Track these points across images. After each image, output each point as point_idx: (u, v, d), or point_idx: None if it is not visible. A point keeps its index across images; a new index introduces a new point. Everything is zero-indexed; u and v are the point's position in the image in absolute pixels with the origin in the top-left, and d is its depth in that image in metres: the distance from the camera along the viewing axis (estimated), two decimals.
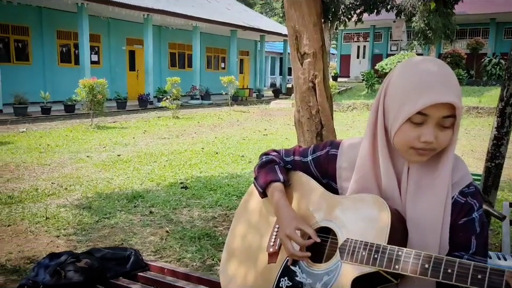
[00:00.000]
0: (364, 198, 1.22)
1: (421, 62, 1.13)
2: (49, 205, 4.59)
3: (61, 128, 10.75)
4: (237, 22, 21.27)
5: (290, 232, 1.27)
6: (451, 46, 22.79)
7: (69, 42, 17.03)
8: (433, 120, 1.09)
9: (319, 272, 1.23)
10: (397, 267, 1.07)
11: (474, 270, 0.98)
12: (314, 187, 1.36)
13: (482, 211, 1.20)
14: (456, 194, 1.19)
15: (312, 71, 2.15)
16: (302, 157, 1.43)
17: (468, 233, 1.17)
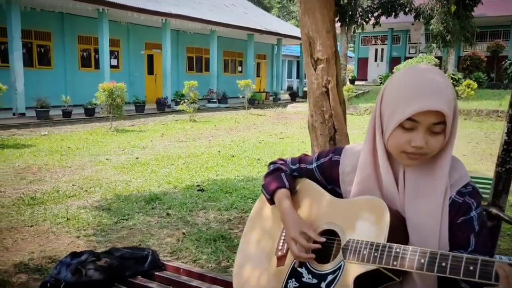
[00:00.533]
0: (365, 200, 1.28)
1: (416, 71, 1.19)
2: (70, 206, 4.71)
3: (81, 131, 10.98)
4: (254, 25, 21.41)
5: (294, 235, 1.34)
6: (471, 49, 22.49)
7: (89, 47, 17.39)
8: (423, 126, 1.15)
9: (323, 272, 1.29)
10: (395, 263, 1.13)
11: (467, 262, 1.03)
12: (319, 192, 1.43)
13: (481, 210, 1.24)
14: (453, 194, 1.24)
15: (326, 77, 2.19)
16: (307, 164, 1.50)
17: (466, 232, 1.22)
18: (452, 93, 1.17)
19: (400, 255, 1.13)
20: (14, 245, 3.59)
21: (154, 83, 19.97)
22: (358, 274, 1.19)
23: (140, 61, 19.44)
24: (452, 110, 1.15)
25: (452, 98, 1.17)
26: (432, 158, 1.22)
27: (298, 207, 1.46)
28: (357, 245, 1.22)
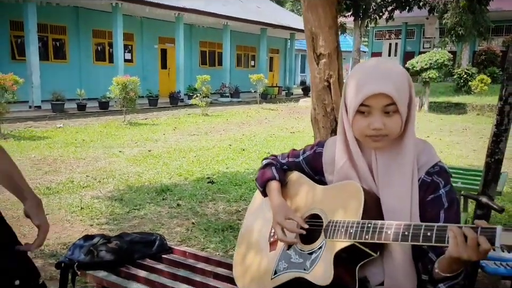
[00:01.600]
0: (343, 184, 1.41)
1: (371, 61, 1.34)
2: (83, 196, 4.87)
3: (95, 124, 11.19)
4: (267, 20, 21.41)
5: (280, 220, 1.46)
6: (486, 43, 22.18)
7: (103, 41, 17.61)
8: (377, 109, 1.27)
9: (308, 252, 1.41)
10: (367, 237, 1.24)
11: (425, 229, 1.15)
12: (306, 182, 1.56)
13: (449, 187, 1.33)
14: (423, 174, 1.34)
15: (328, 71, 2.26)
16: (295, 158, 1.63)
17: (436, 209, 1.31)
18: (402, 78, 1.29)
19: (371, 229, 1.25)
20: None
21: (167, 77, 20.14)
22: (337, 251, 1.30)
23: (153, 55, 19.62)
24: (401, 93, 1.27)
25: (401, 81, 1.28)
26: (398, 141, 1.33)
27: (288, 196, 1.59)
28: (336, 224, 1.34)
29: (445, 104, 15.92)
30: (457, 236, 1.09)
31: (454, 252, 1.10)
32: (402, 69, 1.32)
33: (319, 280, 1.31)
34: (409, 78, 1.32)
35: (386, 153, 1.35)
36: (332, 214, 1.39)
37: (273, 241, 1.55)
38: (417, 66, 15.18)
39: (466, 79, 17.64)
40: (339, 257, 1.31)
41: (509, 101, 1.71)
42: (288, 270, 1.42)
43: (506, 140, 1.77)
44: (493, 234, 1.06)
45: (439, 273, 1.22)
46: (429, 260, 1.28)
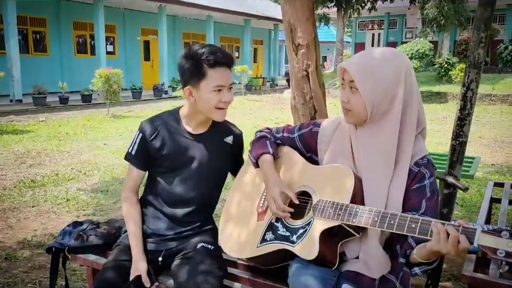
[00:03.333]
0: (334, 167, 1.50)
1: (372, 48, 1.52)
2: (69, 188, 4.90)
3: (78, 117, 11.12)
4: (251, 11, 21.38)
5: (275, 194, 1.54)
6: (466, 33, 22.52)
7: (85, 33, 17.40)
8: (346, 84, 1.42)
9: (295, 227, 1.50)
10: (354, 220, 1.34)
11: (410, 221, 1.25)
12: (298, 159, 1.64)
13: (433, 180, 1.44)
14: (412, 164, 1.44)
15: (306, 61, 2.35)
16: (290, 133, 1.70)
17: (419, 197, 1.41)
18: (381, 69, 1.38)
19: (359, 214, 1.34)
20: (17, 224, 3.78)
21: (151, 69, 20.02)
22: (323, 229, 1.40)
23: (136, 47, 19.46)
24: (368, 76, 1.37)
25: (363, 65, 1.40)
26: (378, 129, 1.42)
27: (279, 170, 1.66)
28: (325, 204, 1.43)
29: (427, 94, 16.17)
30: (441, 232, 1.19)
31: (436, 246, 1.20)
32: (397, 64, 1.38)
33: (304, 254, 1.41)
34: (402, 75, 1.38)
35: (370, 139, 1.44)
36: (321, 194, 1.48)
37: (261, 211, 1.63)
38: None
39: (447, 69, 17.92)
40: (324, 235, 1.40)
41: (471, 87, 1.83)
42: (274, 241, 1.52)
43: (469, 124, 1.89)
44: (473, 234, 1.16)
45: (416, 259, 1.33)
46: (408, 245, 1.37)
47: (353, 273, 1.44)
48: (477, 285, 1.85)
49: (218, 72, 1.66)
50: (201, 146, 1.80)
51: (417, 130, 1.46)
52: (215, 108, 1.71)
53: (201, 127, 1.83)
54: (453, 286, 2.74)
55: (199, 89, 1.68)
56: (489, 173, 5.76)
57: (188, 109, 1.80)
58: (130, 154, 1.84)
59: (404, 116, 1.40)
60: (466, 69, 1.89)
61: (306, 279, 1.40)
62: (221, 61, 1.66)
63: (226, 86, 1.70)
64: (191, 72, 1.67)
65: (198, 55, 1.66)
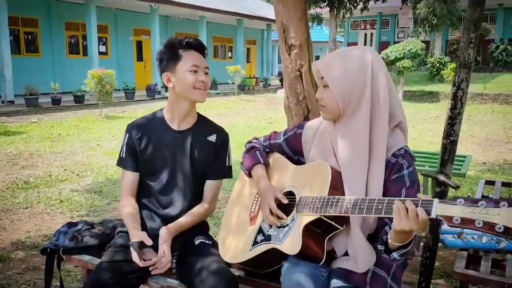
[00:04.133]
0: (313, 164, 1.56)
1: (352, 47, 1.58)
2: (62, 189, 4.89)
3: (71, 118, 11.07)
4: (243, 11, 21.38)
5: (269, 200, 1.59)
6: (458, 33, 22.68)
7: (77, 33, 17.31)
8: (320, 82, 1.50)
9: (282, 225, 1.55)
10: (330, 211, 1.38)
11: (377, 203, 1.30)
12: (285, 163, 1.71)
13: (412, 169, 1.48)
14: (389, 156, 1.48)
15: (299, 61, 2.37)
16: (276, 140, 1.78)
17: (398, 187, 1.45)
18: (340, 61, 1.47)
19: (334, 203, 1.39)
20: (10, 225, 3.77)
21: (143, 69, 19.96)
22: (305, 224, 1.43)
23: (128, 48, 19.39)
24: (332, 70, 1.46)
25: (332, 62, 1.48)
26: (352, 124, 1.47)
27: (270, 177, 1.72)
28: (306, 200, 1.48)
29: (419, 93, 16.30)
30: (400, 209, 1.23)
31: (398, 224, 1.24)
32: (362, 58, 1.45)
33: (288, 250, 1.44)
34: (368, 69, 1.44)
35: (345, 134, 1.49)
36: (303, 191, 1.53)
37: (253, 216, 1.69)
38: (391, 56, 15.47)
39: (439, 68, 18.05)
40: (308, 230, 1.44)
41: (461, 87, 1.86)
42: (264, 242, 1.56)
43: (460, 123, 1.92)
44: (430, 205, 1.20)
45: (392, 243, 1.36)
46: (384, 232, 1.41)
47: (344, 270, 1.47)
48: (468, 281, 1.89)
49: (192, 54, 1.79)
50: (185, 143, 1.84)
51: (393, 123, 1.50)
52: (193, 88, 1.77)
53: (185, 122, 1.86)
54: (445, 283, 2.77)
55: (176, 72, 1.78)
56: (480, 171, 5.82)
57: (169, 99, 1.86)
58: (121, 159, 1.88)
59: (375, 108, 1.45)
60: (457, 69, 1.92)
61: (297, 277, 1.42)
62: (193, 44, 1.80)
63: (202, 67, 1.79)
64: (168, 57, 1.79)
65: (173, 42, 1.80)
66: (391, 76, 1.60)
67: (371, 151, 1.45)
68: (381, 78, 1.45)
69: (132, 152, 1.84)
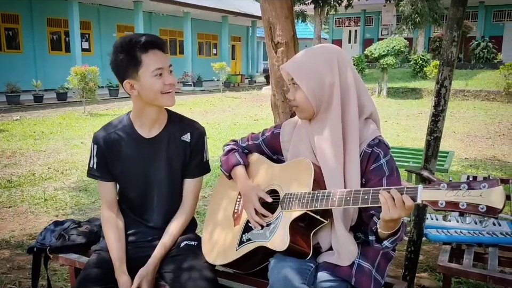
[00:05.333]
0: (294, 162, 1.59)
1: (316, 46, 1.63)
2: (46, 188, 4.83)
3: (54, 116, 10.92)
4: (228, 7, 21.32)
5: (253, 199, 1.61)
6: (440, 30, 22.97)
7: (59, 30, 17.06)
8: (290, 83, 1.55)
9: (267, 223, 1.56)
10: (316, 205, 1.41)
11: (363, 193, 1.35)
12: (265, 162, 1.74)
13: (389, 158, 1.52)
14: (365, 147, 1.53)
15: (285, 59, 2.38)
16: (255, 140, 1.80)
17: (378, 176, 1.50)
18: (306, 59, 1.53)
19: (320, 198, 1.43)
20: None
21: None
22: (292, 219, 1.46)
23: (112, 44, 18.93)
24: (299, 69, 1.52)
25: (302, 64, 1.53)
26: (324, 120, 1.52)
27: (251, 176, 1.74)
28: (290, 197, 1.51)
29: (402, 90, 16.49)
30: (387, 200, 1.28)
31: (387, 214, 1.30)
32: (327, 55, 1.52)
33: (277, 247, 1.46)
34: (334, 64, 1.50)
35: (320, 130, 1.54)
36: (287, 188, 1.55)
37: (237, 216, 1.70)
38: (375, 53, 15.62)
39: (422, 65, 18.27)
40: (295, 225, 1.46)
41: (444, 84, 1.90)
42: (251, 241, 1.56)
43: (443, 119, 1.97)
44: (415, 192, 1.25)
45: (382, 233, 1.41)
46: (373, 223, 1.45)
47: (330, 264, 1.50)
48: (452, 273, 1.93)
49: (153, 55, 1.60)
50: (159, 150, 1.72)
51: (365, 114, 1.55)
52: (160, 93, 1.63)
53: (155, 128, 1.74)
54: (429, 277, 2.83)
55: (139, 79, 1.60)
56: (463, 167, 5.94)
57: (135, 106, 1.71)
58: (92, 170, 1.75)
59: (345, 101, 1.51)
60: (440, 67, 1.96)
61: (285, 271, 1.45)
62: (151, 43, 1.60)
63: (166, 67, 1.63)
64: (126, 63, 1.60)
65: (127, 44, 1.60)
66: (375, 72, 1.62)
67: (345, 143, 1.50)
68: (348, 72, 1.52)
69: (103, 163, 1.72)
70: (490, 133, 8.92)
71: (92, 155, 1.75)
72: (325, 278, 1.46)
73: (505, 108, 13.11)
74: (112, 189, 1.77)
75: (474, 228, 2.15)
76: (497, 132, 9.06)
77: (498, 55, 21.19)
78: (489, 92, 14.86)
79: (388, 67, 15.57)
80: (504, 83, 14.03)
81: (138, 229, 1.78)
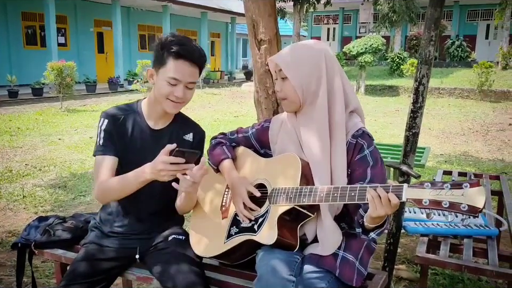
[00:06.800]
0: (282, 156, 1.63)
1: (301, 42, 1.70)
2: (25, 184, 4.76)
3: (30, 112, 10.70)
4: (207, 3, 21.19)
5: (242, 193, 1.64)
6: (417, 29, 23.40)
7: (34, 24, 16.68)
8: (278, 75, 1.63)
9: (255, 217, 1.60)
10: (304, 200, 1.46)
11: (350, 190, 1.40)
12: (253, 157, 1.76)
13: (373, 148, 1.59)
14: (349, 138, 1.59)
15: (268, 56, 2.41)
16: (244, 133, 1.84)
17: (363, 167, 1.56)
18: (295, 52, 1.59)
19: (307, 193, 1.47)
20: None
21: (105, 62, 19.48)
22: (280, 214, 1.50)
23: (89, 39, 18.85)
24: (288, 61, 1.56)
25: (294, 53, 1.58)
26: (310, 113, 1.58)
27: (238, 170, 1.76)
28: (278, 191, 1.54)
29: (380, 87, 16.75)
30: (374, 198, 1.33)
31: (374, 212, 1.35)
32: (315, 49, 1.57)
33: (265, 240, 1.50)
34: (322, 57, 1.55)
35: (306, 123, 1.59)
36: (275, 183, 1.59)
37: (225, 210, 1.72)
38: (353, 51, 15.80)
39: (399, 63, 18.59)
40: (282, 219, 1.50)
41: (422, 82, 1.97)
42: (239, 234, 1.60)
43: (421, 116, 2.04)
44: (400, 191, 1.30)
45: (368, 226, 1.47)
46: (359, 216, 1.50)
47: (315, 256, 1.55)
48: (429, 264, 2.01)
49: (178, 65, 1.61)
50: (160, 142, 1.71)
51: (349, 108, 1.61)
52: (166, 98, 1.66)
53: (162, 121, 1.78)
54: (406, 268, 2.92)
55: (158, 74, 1.66)
56: (438, 162, 6.10)
57: (150, 95, 1.76)
58: (99, 146, 1.71)
59: (331, 95, 1.56)
60: (418, 65, 2.03)
61: (273, 263, 1.48)
62: (183, 55, 1.61)
63: (183, 81, 1.64)
64: (156, 55, 1.66)
65: (166, 42, 1.64)
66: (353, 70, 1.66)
67: (332, 136, 1.55)
68: (335, 67, 1.58)
69: (111, 137, 1.70)
70: (464, 129, 9.17)
71: (99, 131, 1.73)
72: (311, 269, 1.50)
73: (479, 105, 13.48)
74: (114, 165, 1.70)
75: (450, 221, 2.24)
76: (471, 128, 9.32)
77: (472, 53, 21.75)
78: (463, 90, 15.23)
79: (366, 65, 15.79)
80: (478, 81, 14.40)
81: (126, 220, 1.78)
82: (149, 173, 1.51)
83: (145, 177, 1.54)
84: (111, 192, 1.66)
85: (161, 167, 1.46)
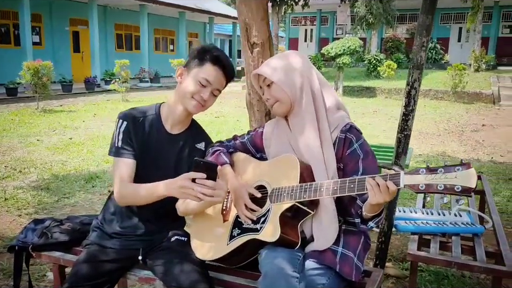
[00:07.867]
0: (281, 158, 1.69)
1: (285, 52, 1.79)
2: (5, 187, 4.65)
3: (5, 112, 10.44)
4: (185, 3, 21.09)
5: (243, 196, 1.68)
6: (392, 31, 23.84)
7: (7, 22, 16.27)
8: (264, 86, 1.73)
9: (257, 217, 1.64)
10: (305, 196, 1.52)
11: (349, 182, 1.47)
12: (251, 161, 1.82)
13: (362, 141, 1.66)
14: (338, 133, 1.66)
15: (261, 59, 2.46)
16: (241, 139, 1.91)
17: (354, 160, 1.63)
18: (279, 59, 1.71)
19: (308, 189, 1.53)
20: None
21: (81, 61, 19.14)
22: (282, 211, 1.55)
23: (64, 38, 18.49)
24: (273, 67, 1.67)
25: (278, 61, 1.70)
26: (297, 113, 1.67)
27: (238, 174, 1.80)
28: (279, 190, 1.60)
29: (357, 88, 17.01)
30: (373, 186, 1.41)
31: (374, 199, 1.43)
32: (295, 54, 1.71)
33: (268, 238, 1.54)
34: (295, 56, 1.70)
35: (297, 124, 1.67)
36: (275, 183, 1.64)
37: (226, 213, 1.75)
38: (332, 52, 15.99)
39: (375, 65, 18.92)
40: (284, 217, 1.55)
41: (414, 86, 2.05)
42: (241, 235, 1.63)
43: (413, 119, 2.12)
44: (398, 178, 1.38)
45: (367, 215, 1.54)
46: (357, 206, 1.58)
47: (316, 252, 1.60)
48: (420, 261, 2.09)
49: (214, 69, 1.73)
50: (175, 147, 1.79)
51: (329, 103, 1.70)
52: (191, 97, 1.73)
53: (178, 126, 1.83)
54: (393, 266, 3.01)
55: (189, 72, 1.75)
56: (417, 162, 6.26)
57: (170, 99, 1.81)
58: (117, 148, 1.73)
59: (314, 94, 1.67)
60: (410, 70, 2.10)
61: (277, 261, 1.53)
62: (222, 63, 1.74)
63: (213, 86, 1.74)
64: (195, 55, 1.76)
65: (209, 48, 1.78)
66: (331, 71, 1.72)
67: (320, 131, 1.64)
68: (313, 70, 1.69)
69: (130, 139, 1.74)
70: (440, 130, 9.42)
71: (118, 132, 1.75)
72: (312, 266, 1.55)
73: (453, 106, 13.86)
74: (132, 167, 1.73)
75: (439, 219, 2.32)
76: (446, 129, 9.58)
77: (445, 56, 22.30)
78: (437, 91, 15.62)
79: (343, 66, 16.01)
80: (451, 83, 14.80)
81: (130, 221, 1.80)
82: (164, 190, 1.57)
83: (158, 192, 1.60)
84: (131, 199, 1.72)
85: (181, 183, 1.49)
